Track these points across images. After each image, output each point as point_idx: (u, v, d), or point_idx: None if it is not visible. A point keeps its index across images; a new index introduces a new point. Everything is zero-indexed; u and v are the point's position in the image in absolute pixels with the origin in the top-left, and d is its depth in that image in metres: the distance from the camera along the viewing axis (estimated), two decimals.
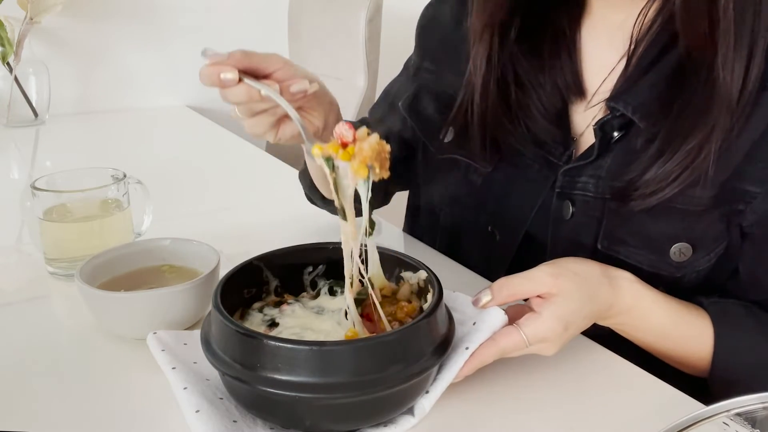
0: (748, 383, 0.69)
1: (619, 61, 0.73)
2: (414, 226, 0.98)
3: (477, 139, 0.79)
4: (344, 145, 0.57)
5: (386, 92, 0.98)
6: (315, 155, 0.58)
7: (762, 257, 0.71)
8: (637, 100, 0.70)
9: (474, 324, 0.62)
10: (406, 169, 0.93)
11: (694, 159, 0.66)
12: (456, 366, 0.59)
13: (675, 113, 0.68)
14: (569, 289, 0.62)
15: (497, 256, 0.81)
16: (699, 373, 0.72)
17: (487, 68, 0.77)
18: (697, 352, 0.70)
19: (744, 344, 0.69)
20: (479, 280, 0.82)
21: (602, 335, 0.74)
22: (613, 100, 0.71)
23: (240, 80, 0.63)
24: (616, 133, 0.72)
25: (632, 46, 0.72)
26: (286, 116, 0.69)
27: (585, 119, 0.77)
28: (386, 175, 0.58)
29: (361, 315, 0.61)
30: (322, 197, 0.91)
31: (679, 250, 0.70)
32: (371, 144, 0.57)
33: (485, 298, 0.62)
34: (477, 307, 0.62)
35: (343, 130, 0.57)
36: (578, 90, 0.77)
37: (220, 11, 1.80)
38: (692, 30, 0.66)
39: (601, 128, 0.72)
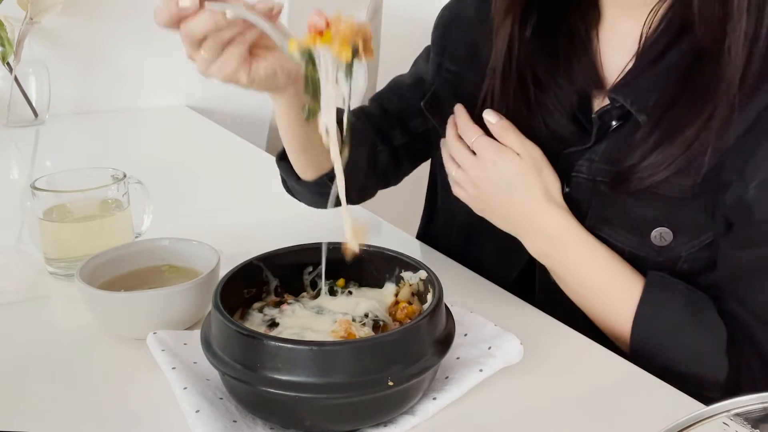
0: (663, 356, 0.70)
1: (628, 62, 0.75)
2: (431, 218, 0.99)
3: None
4: (320, 34, 0.53)
5: (394, 81, 0.98)
6: (291, 51, 0.55)
7: (734, 243, 0.71)
8: (636, 93, 0.72)
9: (489, 348, 0.63)
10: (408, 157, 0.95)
11: (690, 145, 0.67)
12: (467, 384, 0.60)
13: (676, 104, 0.69)
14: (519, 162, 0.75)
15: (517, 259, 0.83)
16: (621, 341, 0.73)
17: (507, 62, 0.78)
18: (618, 311, 0.72)
19: (665, 314, 0.70)
20: (483, 282, 0.82)
21: (602, 335, 0.74)
22: (613, 91, 0.73)
23: (201, 5, 0.59)
24: (614, 122, 0.74)
25: (640, 47, 0.73)
26: (257, 49, 0.66)
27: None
28: (372, 57, 0.55)
29: None
30: (298, 178, 0.88)
31: (659, 234, 0.72)
32: (348, 22, 0.53)
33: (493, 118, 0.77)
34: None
35: (314, 19, 0.53)
36: (596, 86, 0.78)
37: None
38: (707, 16, 0.67)
39: (600, 118, 0.75)
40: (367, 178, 0.91)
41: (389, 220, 1.01)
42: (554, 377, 0.65)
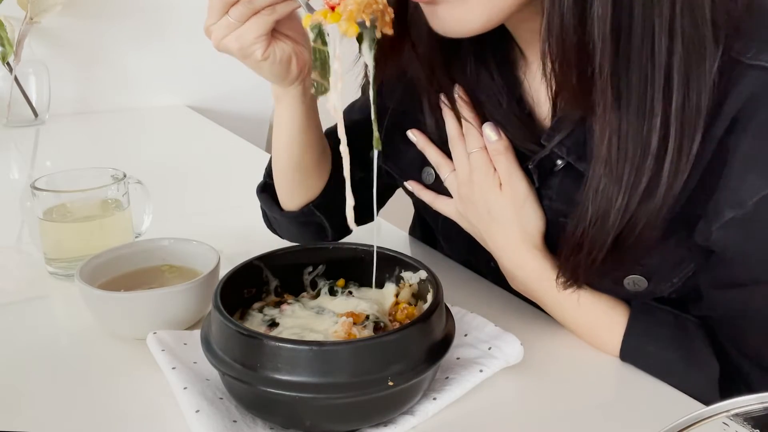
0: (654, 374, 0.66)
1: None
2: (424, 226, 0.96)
3: None
4: (332, 8, 0.53)
5: (347, 111, 0.89)
6: (304, 25, 0.55)
7: (716, 283, 0.66)
8: (571, 140, 0.65)
9: (489, 349, 0.63)
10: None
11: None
12: (467, 384, 0.60)
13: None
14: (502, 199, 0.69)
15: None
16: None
17: (437, 135, 0.74)
18: (603, 347, 0.69)
19: (652, 351, 0.66)
20: (483, 282, 0.82)
21: None
22: (547, 139, 0.67)
23: None
24: (559, 162, 0.68)
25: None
26: (279, 33, 0.66)
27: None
28: (389, 31, 0.54)
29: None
30: (281, 210, 0.85)
31: (632, 282, 0.67)
32: None
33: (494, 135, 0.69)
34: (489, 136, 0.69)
35: None
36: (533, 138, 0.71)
37: None
38: (564, 77, 0.59)
39: (539, 166, 0.69)
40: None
41: (389, 220, 1.01)
42: (554, 377, 0.65)
